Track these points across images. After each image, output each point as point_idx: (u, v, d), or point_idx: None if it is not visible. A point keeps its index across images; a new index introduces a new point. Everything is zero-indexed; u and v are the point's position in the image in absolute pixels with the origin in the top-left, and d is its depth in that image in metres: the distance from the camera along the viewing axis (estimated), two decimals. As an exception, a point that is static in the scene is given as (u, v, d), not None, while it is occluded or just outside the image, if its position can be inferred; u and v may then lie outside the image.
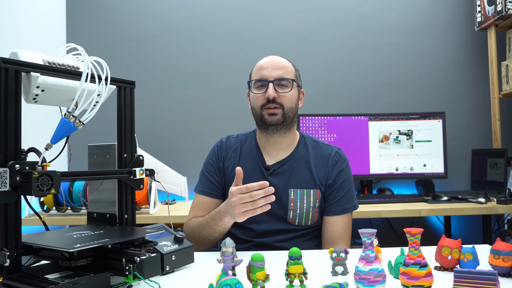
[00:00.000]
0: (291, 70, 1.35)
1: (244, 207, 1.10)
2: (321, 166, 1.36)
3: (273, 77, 1.31)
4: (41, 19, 2.33)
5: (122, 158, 1.04)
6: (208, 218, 1.26)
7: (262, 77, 1.32)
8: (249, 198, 1.09)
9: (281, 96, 1.31)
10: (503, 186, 2.17)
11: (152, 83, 2.58)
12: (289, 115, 1.33)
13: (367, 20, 2.61)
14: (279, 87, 1.32)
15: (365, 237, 0.79)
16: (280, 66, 1.33)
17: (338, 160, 1.37)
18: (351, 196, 1.37)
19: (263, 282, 0.81)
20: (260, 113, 1.33)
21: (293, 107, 1.34)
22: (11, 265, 0.80)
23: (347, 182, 1.37)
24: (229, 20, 2.61)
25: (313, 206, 1.33)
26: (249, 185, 1.09)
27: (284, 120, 1.32)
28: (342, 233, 1.34)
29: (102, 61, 0.93)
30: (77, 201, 1.88)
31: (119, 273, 0.85)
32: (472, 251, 0.92)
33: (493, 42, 2.37)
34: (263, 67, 1.33)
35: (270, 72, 1.31)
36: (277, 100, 1.30)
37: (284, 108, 1.31)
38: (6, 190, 0.78)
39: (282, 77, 1.31)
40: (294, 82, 1.33)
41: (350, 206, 1.36)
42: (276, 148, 1.38)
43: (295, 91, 1.35)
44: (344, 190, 1.35)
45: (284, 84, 1.32)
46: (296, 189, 1.33)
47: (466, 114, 2.57)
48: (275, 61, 1.33)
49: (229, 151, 1.41)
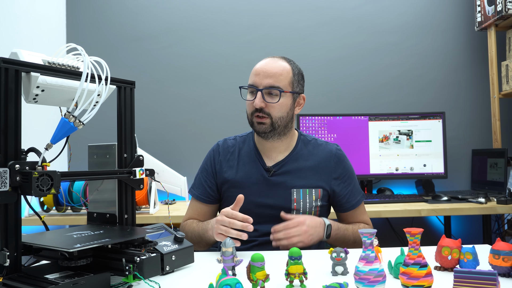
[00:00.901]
0: (285, 77, 1.31)
1: (219, 229, 1.13)
2: (323, 164, 1.38)
3: (262, 86, 1.28)
4: (41, 19, 2.33)
5: (122, 158, 1.04)
6: (200, 227, 1.31)
7: (254, 83, 1.30)
8: (228, 223, 1.12)
9: (269, 106, 1.29)
10: (503, 186, 2.17)
11: (152, 83, 2.58)
12: (279, 124, 1.31)
13: (367, 20, 2.61)
14: (268, 96, 1.29)
15: (365, 237, 0.79)
16: (272, 73, 1.29)
17: (340, 158, 1.40)
18: (358, 187, 1.43)
19: (263, 282, 0.81)
20: (251, 119, 1.34)
21: (283, 116, 1.31)
22: (11, 265, 0.80)
23: (352, 176, 1.42)
24: (229, 20, 2.61)
25: (315, 205, 1.34)
26: (235, 213, 1.13)
27: (273, 129, 1.31)
28: (362, 216, 1.43)
29: (102, 61, 0.94)
30: (77, 201, 1.88)
31: (119, 273, 0.85)
32: (472, 251, 0.92)
33: (493, 42, 2.38)
34: (256, 73, 1.31)
35: (261, 80, 1.29)
36: (264, 110, 1.29)
37: (272, 118, 1.30)
38: (6, 190, 0.78)
39: (271, 85, 1.28)
40: (285, 92, 1.30)
41: (360, 196, 1.43)
42: (274, 151, 1.39)
43: (286, 99, 1.31)
44: (351, 184, 1.41)
45: (274, 93, 1.29)
46: (299, 188, 1.34)
47: (466, 114, 2.57)
48: (269, 67, 1.30)
49: (226, 154, 1.41)
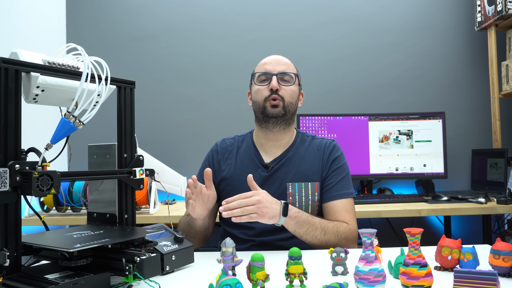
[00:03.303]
0: (294, 68, 1.42)
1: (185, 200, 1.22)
2: (317, 157, 1.38)
3: (276, 71, 1.36)
4: (41, 19, 2.33)
5: (122, 158, 1.04)
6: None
7: (266, 71, 1.37)
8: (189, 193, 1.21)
9: (283, 89, 1.36)
10: (503, 186, 2.17)
11: (152, 83, 2.58)
12: (289, 110, 1.36)
13: (367, 20, 2.61)
14: (281, 81, 1.37)
15: (365, 237, 0.79)
16: (283, 62, 1.39)
17: (333, 149, 1.40)
18: (347, 183, 1.36)
19: (263, 282, 0.81)
20: (263, 105, 1.36)
21: (293, 102, 1.38)
22: (11, 265, 0.80)
23: (342, 168, 1.37)
24: (229, 20, 2.61)
25: (312, 199, 1.33)
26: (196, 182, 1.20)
27: (285, 114, 1.36)
28: (344, 214, 1.31)
29: (102, 61, 0.94)
30: (77, 201, 1.88)
31: (119, 273, 0.85)
32: (472, 251, 0.92)
33: (493, 42, 2.37)
34: (266, 63, 1.39)
35: (273, 67, 1.37)
36: (279, 93, 1.35)
37: (285, 102, 1.35)
38: (6, 190, 0.78)
39: (285, 71, 1.37)
40: (297, 78, 1.39)
41: (347, 192, 1.35)
42: (274, 145, 1.40)
43: (296, 87, 1.40)
44: (340, 176, 1.36)
45: (286, 79, 1.37)
46: (294, 182, 1.34)
47: (466, 114, 2.57)
48: (279, 58, 1.40)
49: (225, 153, 1.43)
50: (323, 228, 1.23)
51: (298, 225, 1.20)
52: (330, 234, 1.23)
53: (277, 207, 1.16)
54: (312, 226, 1.22)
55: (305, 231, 1.21)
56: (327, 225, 1.24)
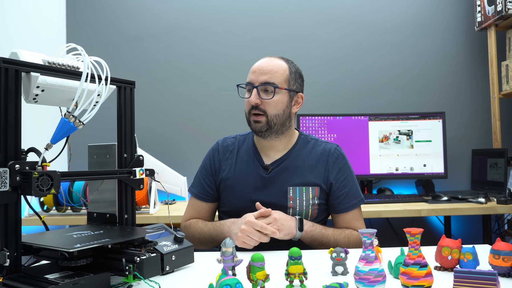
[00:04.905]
0: (281, 74, 1.31)
1: (244, 238, 1.16)
2: (321, 163, 1.36)
3: (258, 82, 1.29)
4: (41, 19, 2.33)
5: (122, 158, 1.04)
6: (211, 229, 1.30)
7: (250, 81, 1.32)
8: (258, 238, 1.15)
9: (265, 103, 1.29)
10: (503, 186, 2.17)
11: (152, 83, 2.58)
12: (275, 122, 1.30)
13: (367, 20, 2.61)
14: (264, 92, 1.30)
15: (365, 237, 0.79)
16: (267, 70, 1.29)
17: (338, 157, 1.37)
18: (356, 191, 1.38)
19: (263, 282, 0.81)
20: (248, 118, 1.33)
21: (279, 114, 1.30)
22: (11, 265, 0.80)
23: (349, 178, 1.37)
24: (229, 20, 2.61)
25: (312, 203, 1.33)
26: (264, 226, 1.15)
27: (270, 128, 1.30)
28: (355, 223, 1.36)
29: (102, 61, 0.93)
30: (77, 201, 1.88)
31: (119, 273, 0.85)
32: (472, 251, 0.92)
33: (493, 42, 2.37)
34: (253, 71, 1.32)
35: (256, 77, 1.30)
36: (260, 107, 1.29)
37: (268, 116, 1.29)
38: (6, 190, 0.78)
39: (266, 81, 1.28)
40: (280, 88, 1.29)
41: (357, 201, 1.37)
42: (272, 149, 1.39)
43: (281, 97, 1.30)
44: (348, 186, 1.36)
45: (268, 89, 1.29)
46: (295, 186, 1.33)
47: (466, 114, 2.57)
48: (264, 65, 1.31)
49: (225, 152, 1.42)
50: (335, 239, 1.28)
51: (313, 239, 1.26)
52: (342, 244, 1.28)
53: (293, 224, 1.22)
54: (326, 238, 1.27)
55: (319, 243, 1.27)
56: (339, 236, 1.29)
